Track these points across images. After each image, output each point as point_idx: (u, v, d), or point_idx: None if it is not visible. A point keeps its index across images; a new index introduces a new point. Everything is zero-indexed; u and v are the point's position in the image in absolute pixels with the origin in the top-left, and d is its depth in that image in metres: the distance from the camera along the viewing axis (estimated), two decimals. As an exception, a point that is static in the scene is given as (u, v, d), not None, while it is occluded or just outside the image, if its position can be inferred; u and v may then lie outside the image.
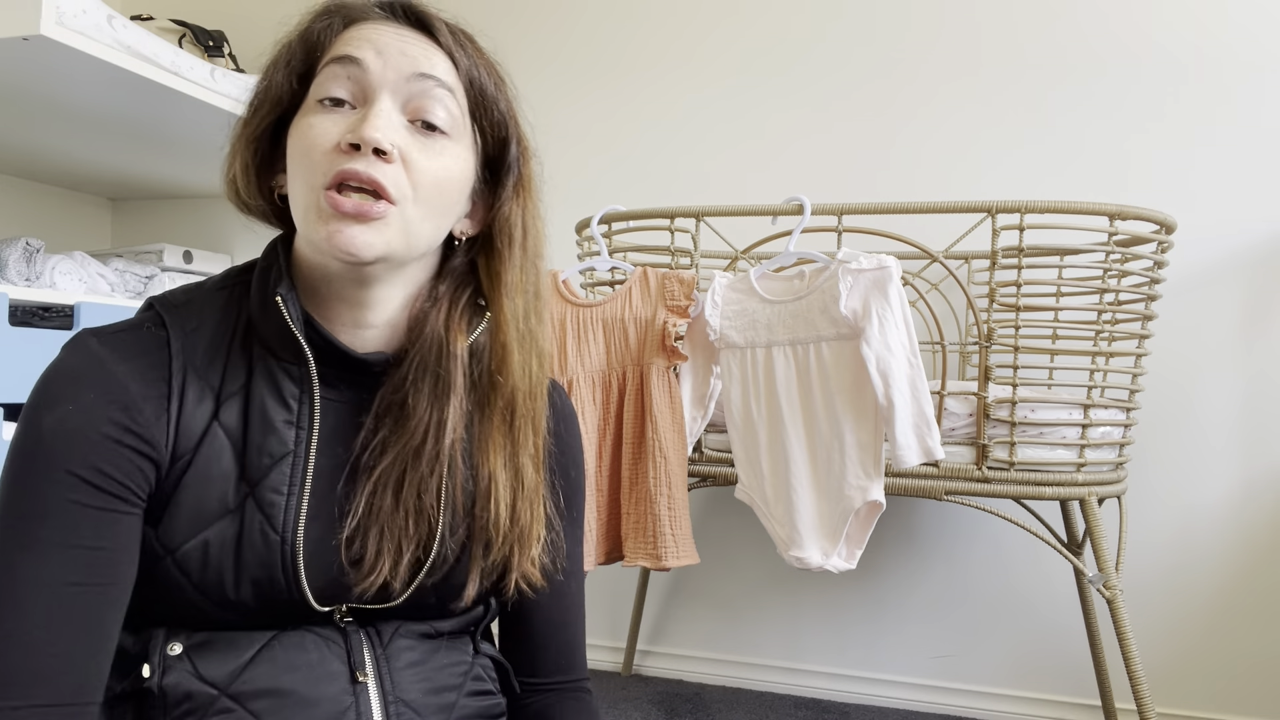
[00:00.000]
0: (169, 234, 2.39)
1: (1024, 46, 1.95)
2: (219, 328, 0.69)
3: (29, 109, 1.67)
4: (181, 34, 2.12)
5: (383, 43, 0.67)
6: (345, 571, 0.69)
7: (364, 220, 0.64)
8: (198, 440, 0.66)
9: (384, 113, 0.65)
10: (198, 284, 0.73)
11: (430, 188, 0.67)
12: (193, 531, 0.65)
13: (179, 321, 0.68)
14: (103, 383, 0.64)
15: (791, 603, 2.07)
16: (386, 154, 0.64)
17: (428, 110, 0.67)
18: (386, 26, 0.68)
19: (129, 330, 0.67)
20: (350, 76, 0.66)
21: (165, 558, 0.65)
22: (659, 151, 2.19)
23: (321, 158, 0.64)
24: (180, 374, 0.66)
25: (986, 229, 1.67)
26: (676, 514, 1.50)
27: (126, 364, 0.65)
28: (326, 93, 0.66)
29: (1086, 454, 1.47)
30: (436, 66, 0.68)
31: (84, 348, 0.65)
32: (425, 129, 0.67)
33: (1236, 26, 1.83)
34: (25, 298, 1.44)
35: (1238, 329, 1.81)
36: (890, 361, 1.37)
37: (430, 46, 0.68)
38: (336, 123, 0.65)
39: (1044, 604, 1.91)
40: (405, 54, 0.67)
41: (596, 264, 1.66)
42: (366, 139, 0.63)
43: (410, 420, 0.69)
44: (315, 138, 0.65)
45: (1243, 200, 1.81)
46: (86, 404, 0.63)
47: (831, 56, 2.08)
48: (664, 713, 1.87)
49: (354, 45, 0.67)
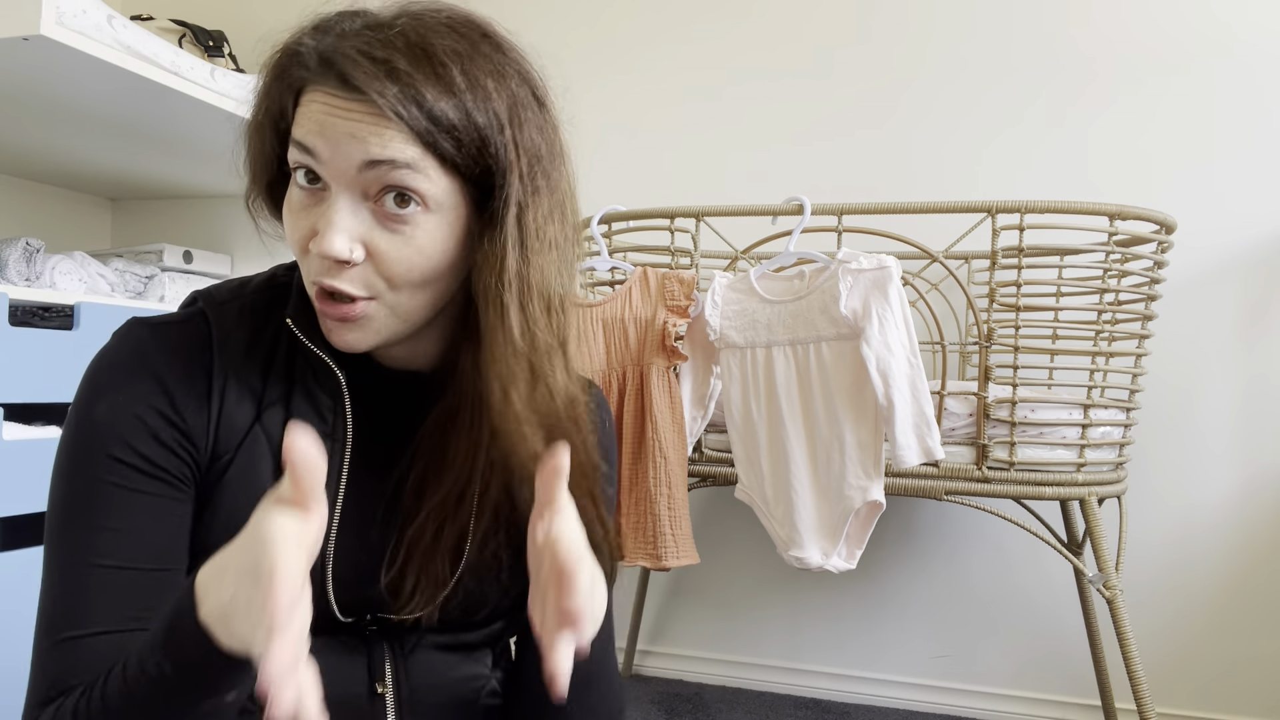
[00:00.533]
0: (169, 234, 2.39)
1: (1024, 47, 1.95)
2: (262, 330, 0.69)
3: (29, 109, 1.67)
4: (181, 34, 2.12)
5: (329, 125, 0.60)
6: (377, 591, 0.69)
7: (348, 321, 0.64)
8: (239, 442, 0.66)
9: (337, 218, 0.61)
10: (242, 281, 0.72)
11: (406, 274, 0.63)
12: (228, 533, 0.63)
13: (223, 320, 0.68)
14: (152, 373, 0.65)
15: (791, 603, 2.06)
16: (347, 261, 0.61)
17: (387, 195, 0.61)
18: (333, 100, 0.60)
19: (177, 324, 0.68)
20: (309, 163, 0.62)
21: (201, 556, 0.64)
22: (659, 151, 2.19)
23: (302, 254, 0.64)
24: (222, 374, 0.66)
25: (986, 229, 1.67)
26: (676, 514, 1.50)
27: (173, 357, 0.65)
28: (300, 168, 0.63)
29: (1086, 454, 1.47)
30: (388, 145, 0.59)
31: (134, 338, 0.66)
32: (398, 204, 0.61)
33: (1236, 27, 1.83)
34: (25, 298, 1.44)
35: (1238, 329, 1.81)
36: (890, 361, 1.37)
37: (379, 120, 0.59)
38: (307, 214, 0.63)
39: (1044, 604, 1.91)
40: (354, 136, 0.59)
41: (596, 264, 1.66)
42: (323, 253, 0.61)
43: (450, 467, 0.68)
44: (294, 230, 0.64)
45: (1243, 200, 1.81)
46: (137, 393, 0.64)
47: (832, 57, 2.08)
48: (664, 713, 1.87)
49: (305, 130, 0.61)
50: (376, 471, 0.70)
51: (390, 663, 0.70)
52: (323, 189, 0.62)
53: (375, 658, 0.69)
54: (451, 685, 0.72)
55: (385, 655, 0.70)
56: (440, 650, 0.73)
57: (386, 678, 0.69)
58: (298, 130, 0.62)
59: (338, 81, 0.60)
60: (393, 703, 0.68)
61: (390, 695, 0.68)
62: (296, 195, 0.64)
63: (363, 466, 0.70)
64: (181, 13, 2.31)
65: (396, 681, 0.69)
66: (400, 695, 0.69)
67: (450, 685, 0.72)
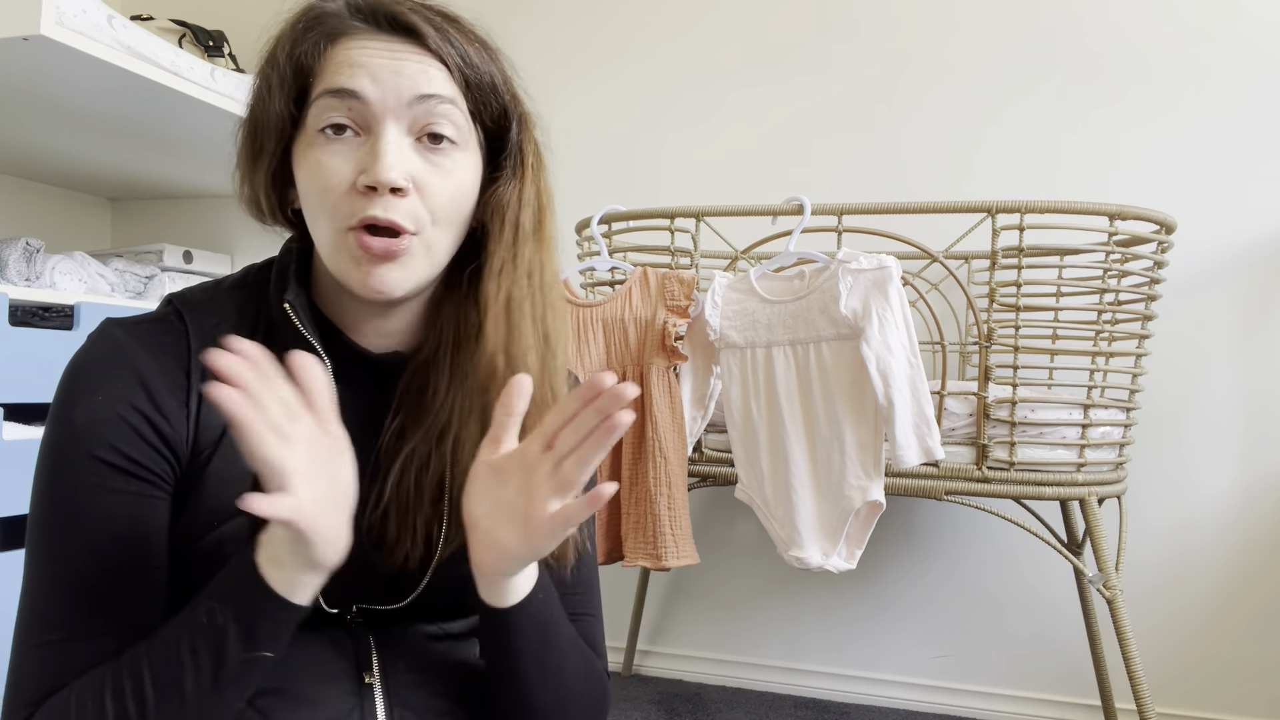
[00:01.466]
0: (169, 234, 2.39)
1: (1025, 46, 1.95)
2: (237, 327, 0.70)
3: (29, 109, 1.67)
4: (181, 34, 2.12)
5: (375, 66, 0.65)
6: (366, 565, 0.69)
7: (392, 258, 0.65)
8: (217, 438, 0.66)
9: (391, 147, 0.64)
10: (216, 282, 0.73)
11: (447, 207, 0.67)
12: (208, 528, 0.66)
13: (198, 319, 0.69)
14: (129, 373, 0.65)
15: (791, 603, 2.07)
16: (402, 190, 0.64)
17: (434, 127, 0.66)
18: (373, 42, 0.66)
19: (152, 323, 0.68)
20: (350, 108, 0.65)
21: (184, 551, 0.66)
22: (659, 151, 2.19)
23: (340, 199, 0.65)
24: (199, 371, 0.66)
25: (986, 229, 1.67)
26: (676, 514, 1.50)
27: (150, 356, 0.66)
28: (328, 121, 0.65)
29: (1086, 454, 1.47)
30: (434, 80, 0.66)
31: (110, 338, 0.67)
32: (433, 142, 0.66)
33: (1236, 27, 1.83)
34: (25, 298, 1.44)
35: (1238, 329, 1.81)
36: (890, 361, 1.37)
37: (422, 55, 0.66)
38: (345, 158, 0.65)
39: (1044, 604, 1.91)
40: (400, 74, 0.65)
41: (596, 264, 1.66)
42: (382, 181, 0.63)
43: (432, 404, 0.70)
44: (328, 178, 0.65)
45: (1243, 200, 1.81)
46: (115, 393, 0.64)
47: (832, 56, 2.08)
48: (664, 713, 1.87)
49: (346, 74, 0.64)
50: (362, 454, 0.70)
51: (377, 652, 0.70)
52: (355, 134, 0.65)
53: (361, 648, 0.70)
54: (440, 673, 0.72)
55: (371, 645, 0.70)
56: (428, 640, 0.73)
57: (374, 666, 0.69)
58: (336, 78, 0.65)
59: (382, 23, 0.66)
60: (381, 691, 0.68)
61: (378, 684, 0.69)
62: (324, 146, 0.65)
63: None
64: (181, 13, 2.31)
65: (384, 670, 0.69)
66: (388, 685, 0.69)
67: (439, 673, 0.72)
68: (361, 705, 0.67)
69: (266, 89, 0.67)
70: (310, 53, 0.66)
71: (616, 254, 1.78)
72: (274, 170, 0.70)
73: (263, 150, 0.69)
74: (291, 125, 0.68)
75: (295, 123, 0.68)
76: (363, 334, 0.72)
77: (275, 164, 0.69)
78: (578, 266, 1.67)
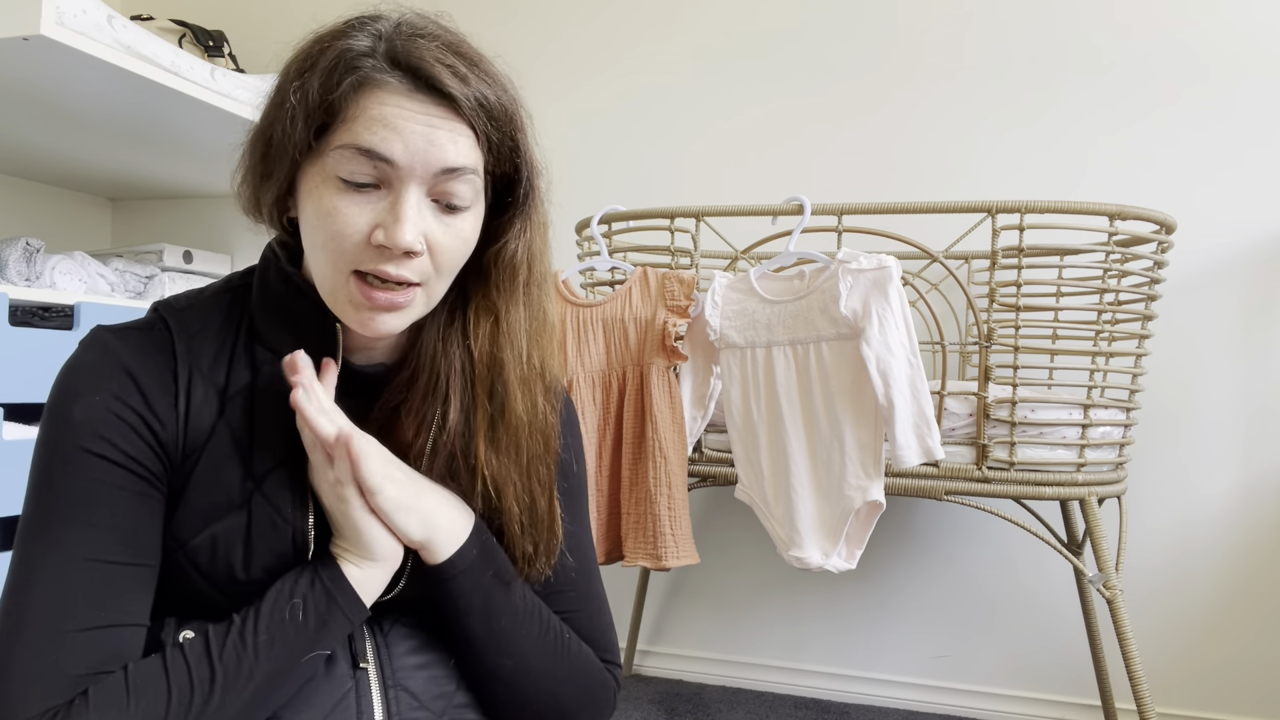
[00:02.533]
0: (169, 234, 2.39)
1: (1025, 46, 1.95)
2: (222, 331, 0.72)
3: (29, 109, 1.67)
4: (181, 34, 2.12)
5: (409, 132, 0.64)
6: None
7: (394, 310, 0.68)
8: (205, 439, 0.69)
9: (412, 215, 0.65)
10: (199, 290, 0.76)
11: (452, 263, 0.69)
12: (202, 526, 0.68)
13: (183, 325, 0.71)
14: (121, 375, 0.67)
15: (791, 603, 2.07)
16: (416, 253, 0.66)
17: (452, 195, 0.67)
18: (408, 104, 0.65)
19: (140, 330, 0.71)
20: (376, 167, 0.65)
21: (176, 551, 0.68)
22: (659, 151, 2.19)
23: (351, 247, 0.66)
24: (186, 374, 0.69)
25: (986, 229, 1.67)
26: (676, 514, 1.50)
27: (140, 360, 0.68)
28: (350, 175, 0.65)
29: (1086, 454, 1.47)
30: (462, 152, 0.66)
31: (101, 343, 0.69)
32: (450, 207, 0.68)
33: (1236, 27, 1.82)
34: (25, 298, 1.44)
35: (1238, 329, 1.81)
36: (890, 361, 1.37)
37: (454, 122, 0.66)
38: (363, 210, 0.65)
39: (1044, 604, 1.91)
40: (432, 143, 0.65)
41: (596, 264, 1.66)
42: (400, 245, 0.64)
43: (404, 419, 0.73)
44: (343, 226, 0.65)
45: (1243, 200, 1.81)
46: (109, 393, 0.66)
47: (832, 56, 2.08)
48: (664, 713, 1.87)
49: (379, 135, 0.64)
50: None
51: (370, 639, 0.72)
52: (375, 187, 0.66)
53: (355, 635, 0.71)
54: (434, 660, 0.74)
55: (364, 632, 0.72)
56: (420, 626, 0.75)
57: (368, 653, 0.71)
58: (367, 135, 0.64)
59: (420, 84, 0.65)
60: (376, 677, 0.70)
61: (373, 669, 0.70)
62: (342, 194, 0.65)
63: None
64: (181, 13, 2.31)
65: (378, 656, 0.71)
66: (383, 670, 0.71)
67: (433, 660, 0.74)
68: (357, 688, 0.69)
69: (290, 115, 0.66)
70: (342, 97, 0.65)
71: (616, 254, 1.78)
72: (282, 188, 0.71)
73: (274, 171, 0.69)
74: (308, 150, 0.67)
75: (311, 149, 0.67)
76: (348, 350, 0.74)
77: (285, 184, 0.70)
78: (578, 266, 1.67)
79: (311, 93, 0.65)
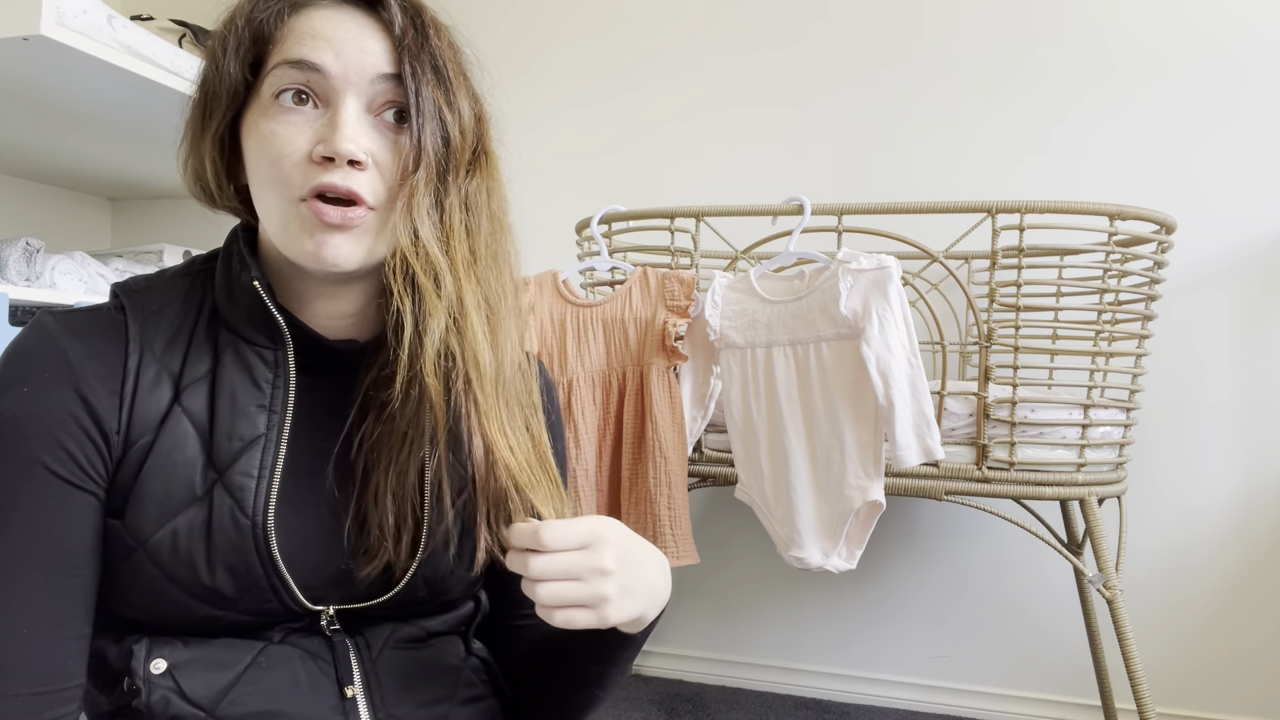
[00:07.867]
0: (169, 234, 2.39)
1: (1025, 46, 1.95)
2: (181, 314, 0.69)
3: (29, 109, 1.67)
4: (181, 34, 2.12)
5: (339, 40, 0.64)
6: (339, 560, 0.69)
7: (346, 229, 0.64)
8: (157, 425, 0.65)
9: (351, 120, 0.63)
10: (160, 271, 0.73)
11: (399, 184, 0.66)
12: (161, 521, 0.64)
13: (138, 305, 0.68)
14: (57, 362, 0.63)
15: (791, 603, 2.06)
16: (360, 163, 0.63)
17: (388, 110, 0.66)
18: (337, 14, 0.65)
19: (87, 311, 0.67)
20: (309, 80, 0.64)
21: (136, 550, 0.64)
22: (659, 151, 2.19)
23: (293, 169, 0.63)
24: (136, 356, 0.65)
25: (986, 229, 1.67)
26: (676, 514, 1.50)
27: (80, 342, 0.64)
28: (284, 90, 0.64)
29: (1086, 454, 1.47)
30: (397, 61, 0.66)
31: (39, 327, 0.65)
32: (390, 123, 0.66)
33: (1236, 27, 1.83)
34: (25, 298, 1.44)
35: (1238, 329, 1.81)
36: (890, 361, 1.37)
37: (385, 34, 0.65)
38: (301, 129, 0.64)
39: (1044, 604, 1.91)
40: (365, 51, 0.64)
41: (596, 264, 1.66)
42: (340, 152, 0.62)
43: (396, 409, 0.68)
44: (282, 146, 0.63)
45: (1243, 200, 1.81)
46: (41, 385, 0.62)
47: (832, 56, 2.08)
48: (664, 713, 1.87)
49: (309, 46, 0.64)
50: (321, 440, 0.70)
51: (358, 663, 0.69)
52: (314, 105, 0.64)
53: (340, 660, 0.68)
54: (424, 682, 0.71)
55: (351, 656, 0.69)
56: (409, 645, 0.72)
57: (355, 678, 0.68)
58: (297, 48, 0.64)
59: None
60: (365, 706, 0.67)
61: (362, 699, 0.67)
62: (278, 115, 0.64)
63: (305, 438, 0.69)
64: (181, 13, 2.31)
65: (367, 682, 0.68)
66: (372, 699, 0.68)
67: (423, 682, 0.71)
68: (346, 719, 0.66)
69: (221, 52, 0.66)
70: (270, 20, 0.65)
71: (616, 254, 1.78)
72: (222, 137, 0.68)
73: (211, 116, 0.67)
74: (245, 92, 0.66)
75: (248, 89, 0.66)
76: (314, 316, 0.70)
77: (224, 130, 0.68)
78: (578, 266, 1.67)
79: (241, 26, 0.65)
